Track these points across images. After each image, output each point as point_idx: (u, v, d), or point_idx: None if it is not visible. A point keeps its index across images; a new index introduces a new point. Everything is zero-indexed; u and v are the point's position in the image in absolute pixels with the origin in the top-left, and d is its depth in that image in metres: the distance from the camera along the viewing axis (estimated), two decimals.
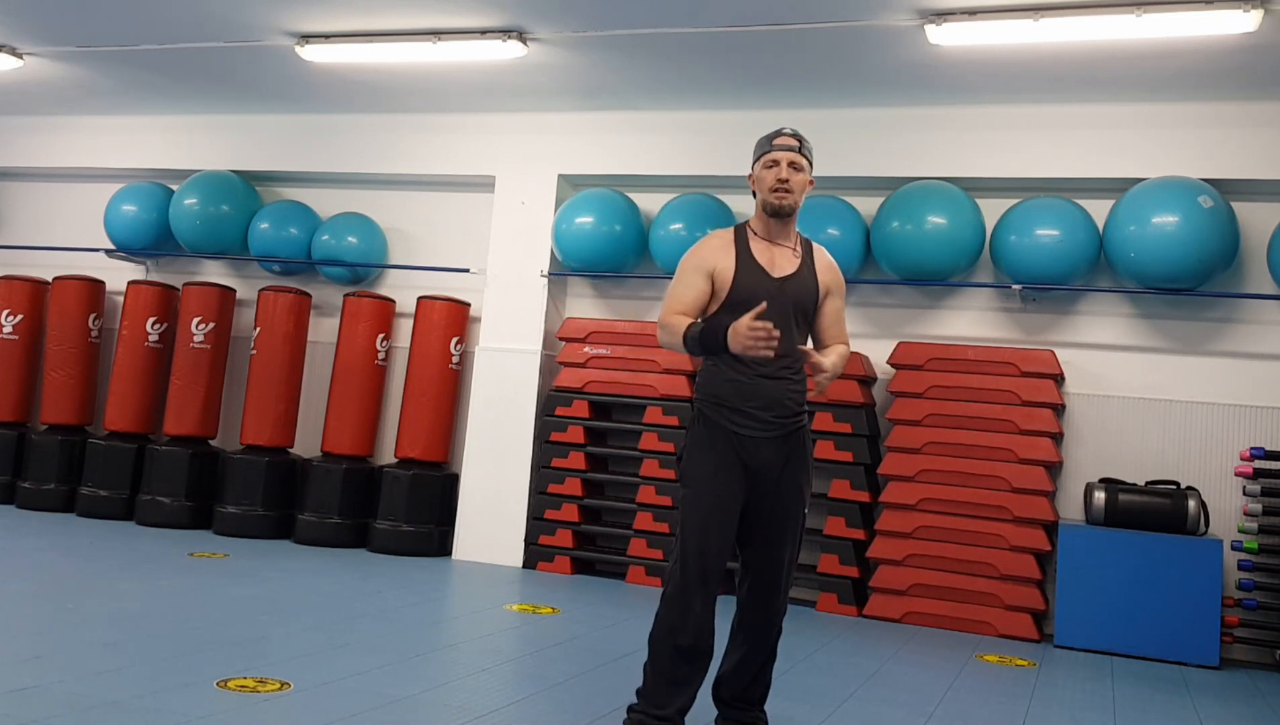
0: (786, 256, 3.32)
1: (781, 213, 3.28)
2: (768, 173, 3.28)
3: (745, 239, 3.33)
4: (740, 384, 3.24)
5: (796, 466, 3.32)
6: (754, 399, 3.23)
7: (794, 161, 3.27)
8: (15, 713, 3.11)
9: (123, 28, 6.35)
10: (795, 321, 3.29)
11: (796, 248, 3.36)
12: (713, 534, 3.22)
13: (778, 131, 3.34)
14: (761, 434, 3.24)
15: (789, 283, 3.28)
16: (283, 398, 7.40)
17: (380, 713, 3.43)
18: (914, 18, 5.22)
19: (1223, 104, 5.97)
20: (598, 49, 6.02)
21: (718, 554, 3.22)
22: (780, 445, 3.27)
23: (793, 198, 3.26)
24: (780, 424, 3.26)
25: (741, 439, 3.24)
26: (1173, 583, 5.55)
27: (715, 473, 3.24)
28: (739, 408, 3.23)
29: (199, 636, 4.26)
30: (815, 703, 4.04)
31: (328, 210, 7.93)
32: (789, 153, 3.28)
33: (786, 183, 3.24)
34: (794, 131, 3.34)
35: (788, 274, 3.29)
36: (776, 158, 3.27)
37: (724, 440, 3.25)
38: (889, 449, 6.24)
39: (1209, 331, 6.14)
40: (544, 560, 6.84)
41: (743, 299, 3.19)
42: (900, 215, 6.30)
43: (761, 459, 3.25)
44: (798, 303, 3.29)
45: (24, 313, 8.13)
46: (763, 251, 3.30)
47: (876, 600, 6.11)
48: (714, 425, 3.27)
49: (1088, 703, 4.49)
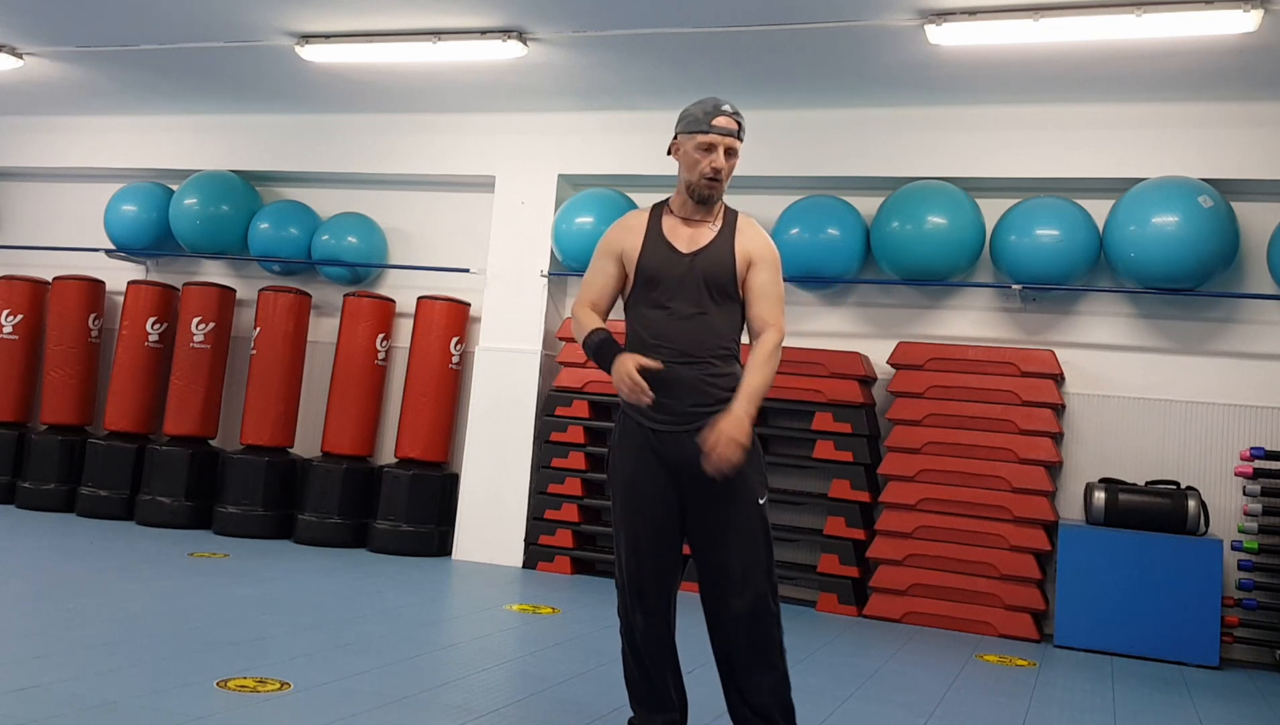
0: (702, 231, 3.05)
1: (709, 202, 3.04)
2: (701, 157, 2.98)
3: (658, 216, 3.10)
4: (649, 376, 2.92)
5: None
6: (669, 388, 2.93)
7: (731, 147, 2.99)
8: (15, 713, 3.11)
9: (123, 28, 6.35)
10: (711, 297, 2.99)
11: (715, 221, 3.07)
12: (639, 544, 3.01)
13: (715, 107, 2.99)
14: (681, 427, 2.95)
15: (699, 257, 3.01)
16: (283, 398, 7.40)
17: (380, 713, 3.43)
18: (914, 18, 5.22)
19: (1223, 104, 5.97)
20: (598, 49, 6.02)
21: (650, 567, 3.01)
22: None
23: (721, 188, 3.02)
24: (701, 414, 2.93)
25: (659, 435, 2.98)
26: (1173, 583, 5.55)
27: (634, 475, 3.02)
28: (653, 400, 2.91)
29: (199, 636, 4.26)
30: (815, 703, 4.04)
31: (328, 210, 7.93)
32: (729, 138, 2.98)
33: (719, 172, 2.98)
34: (734, 110, 3.01)
35: (698, 247, 3.03)
36: (714, 142, 2.96)
37: (639, 437, 3.01)
38: (889, 449, 6.24)
39: (1209, 331, 6.14)
40: (544, 560, 6.85)
41: (649, 278, 3.02)
42: (900, 215, 6.30)
43: (682, 455, 2.95)
44: (709, 277, 2.99)
45: (24, 313, 8.13)
46: (674, 228, 3.07)
47: (876, 600, 6.11)
48: (629, 422, 3.04)
49: (1088, 703, 4.49)
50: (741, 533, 2.97)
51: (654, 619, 3.03)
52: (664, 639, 3.07)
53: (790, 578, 6.42)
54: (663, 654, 3.08)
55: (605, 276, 3.12)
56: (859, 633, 5.65)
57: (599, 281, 3.13)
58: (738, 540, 2.96)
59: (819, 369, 6.36)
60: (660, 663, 3.08)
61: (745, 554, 2.96)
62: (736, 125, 3.00)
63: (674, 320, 2.99)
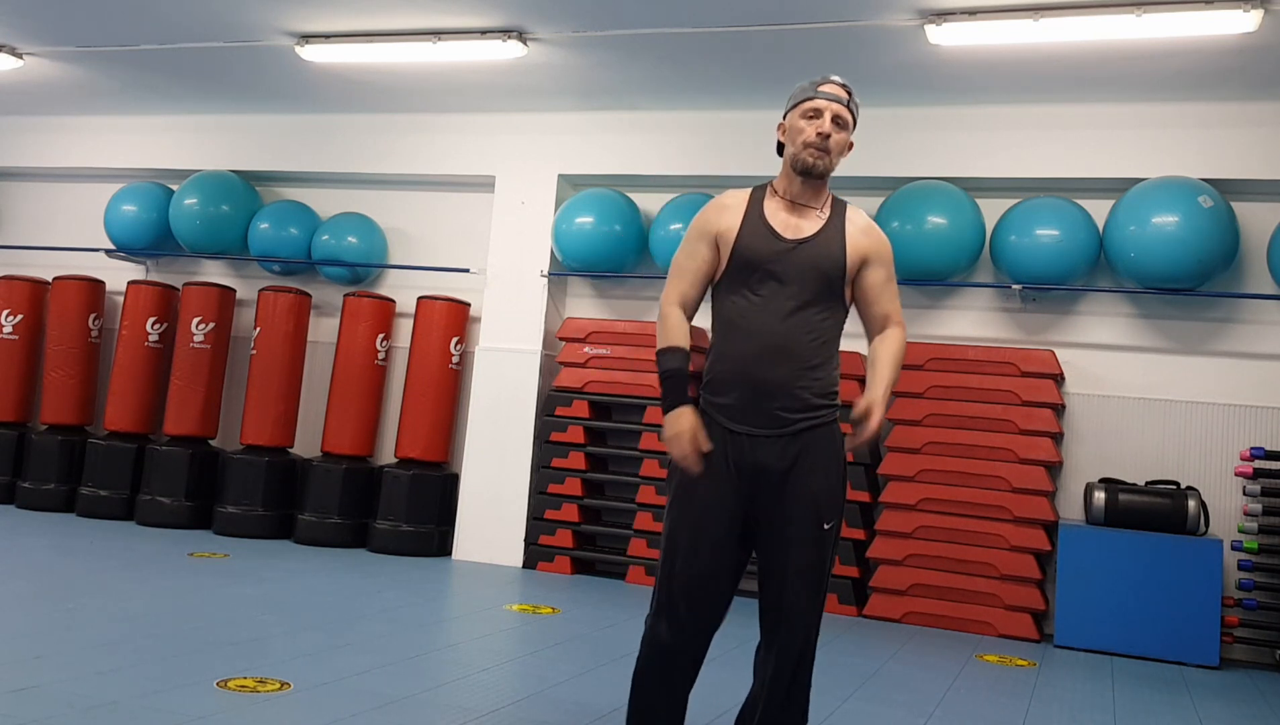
0: (809, 218, 2.75)
1: (813, 173, 2.71)
2: (807, 124, 2.70)
3: (760, 198, 2.79)
4: (736, 370, 2.69)
5: (809, 470, 2.70)
6: (752, 389, 2.68)
7: (839, 115, 2.70)
8: (15, 713, 3.11)
9: (123, 28, 6.35)
10: (815, 291, 2.70)
11: (824, 210, 2.77)
12: (688, 550, 2.71)
13: (824, 77, 2.75)
14: (761, 432, 2.68)
15: (806, 247, 2.70)
16: (283, 398, 7.40)
17: (380, 713, 3.43)
18: (914, 18, 5.22)
19: (1223, 104, 5.97)
20: (598, 49, 6.02)
21: (697, 575, 2.71)
22: (787, 445, 2.69)
23: (829, 160, 2.70)
24: (787, 420, 2.68)
25: (735, 437, 2.70)
26: (1173, 583, 5.55)
27: (701, 478, 2.70)
28: (733, 399, 2.70)
29: (199, 636, 4.26)
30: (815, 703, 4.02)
31: (328, 210, 7.93)
32: (835, 104, 2.70)
33: (827, 139, 2.68)
34: (844, 81, 2.76)
35: (805, 236, 2.72)
36: (820, 107, 2.69)
37: (716, 438, 2.71)
38: (889, 449, 6.24)
39: (1209, 331, 6.14)
40: (544, 560, 6.85)
41: (745, 263, 2.72)
42: (900, 215, 6.30)
43: (757, 461, 2.68)
44: (816, 269, 2.69)
45: (24, 313, 8.13)
46: (778, 211, 2.76)
47: (876, 600, 6.11)
48: (709, 420, 2.74)
49: (1088, 703, 4.49)
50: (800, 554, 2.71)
51: (695, 634, 2.75)
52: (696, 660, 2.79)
53: None
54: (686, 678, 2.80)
55: (697, 261, 2.78)
56: (859, 633, 5.65)
57: (691, 267, 2.79)
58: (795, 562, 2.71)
59: None
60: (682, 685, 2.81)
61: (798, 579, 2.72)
62: (846, 94, 2.74)
63: (770, 313, 2.69)
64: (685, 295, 2.81)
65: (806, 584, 2.73)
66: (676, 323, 2.79)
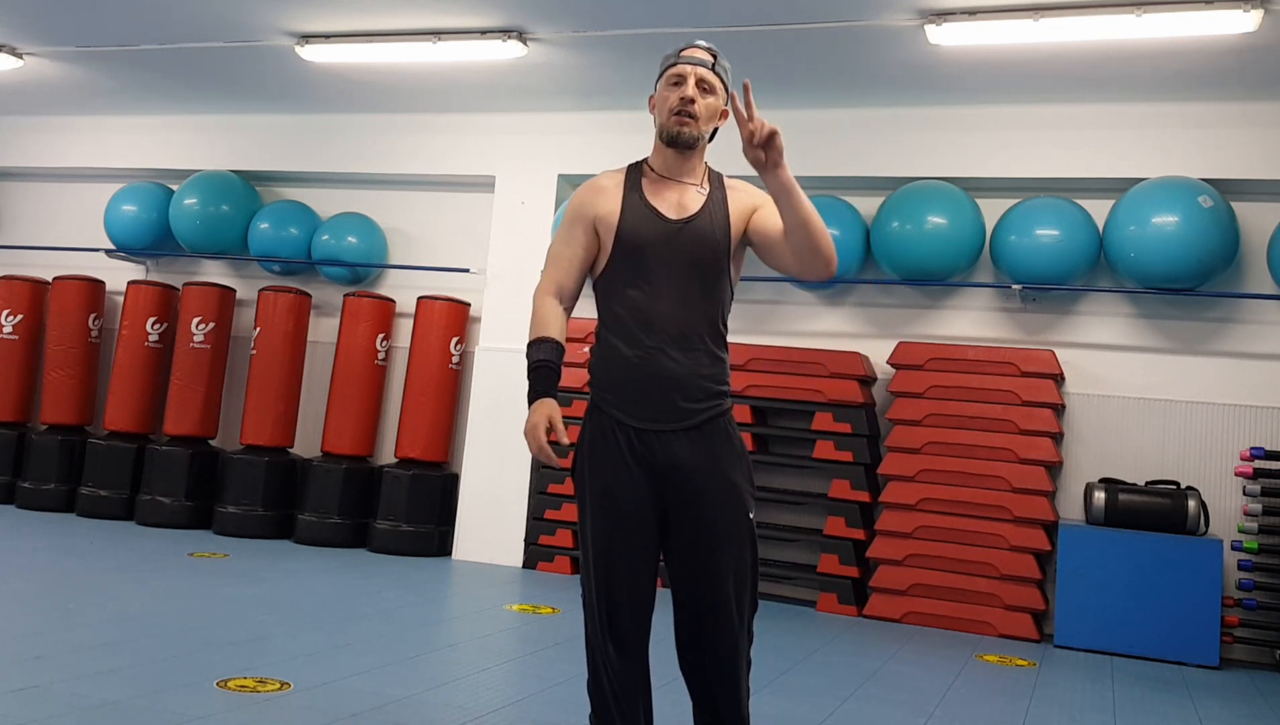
0: (690, 195, 2.64)
1: (680, 142, 2.60)
2: (671, 91, 2.61)
3: (638, 177, 2.69)
4: (633, 362, 2.57)
5: (724, 460, 2.58)
6: (652, 381, 2.56)
7: (703, 79, 2.60)
8: (15, 713, 3.11)
9: (123, 28, 6.35)
10: (704, 273, 2.60)
11: (703, 184, 2.67)
12: (615, 565, 2.58)
13: (689, 43, 2.67)
14: (669, 426, 2.56)
15: (690, 226, 2.60)
16: (283, 398, 7.40)
17: (380, 713, 3.43)
18: (914, 18, 5.22)
19: (1223, 104, 5.97)
20: (598, 49, 6.02)
21: (628, 590, 2.58)
22: (695, 438, 2.57)
23: (696, 126, 2.59)
24: (690, 411, 2.56)
25: (642, 434, 2.57)
26: (1173, 583, 5.55)
27: (612, 484, 2.58)
28: (632, 393, 2.58)
29: (199, 636, 4.26)
30: (815, 703, 4.04)
31: (328, 210, 7.93)
32: (699, 68, 2.60)
33: (692, 105, 2.57)
34: (709, 45, 2.66)
35: (689, 215, 2.61)
36: (683, 73, 2.60)
37: (620, 437, 2.59)
38: (889, 449, 6.24)
39: (1209, 331, 6.14)
40: (544, 560, 6.84)
41: (631, 248, 2.60)
42: (900, 215, 6.30)
43: (671, 458, 2.56)
44: (701, 248, 2.59)
45: (24, 313, 8.13)
46: (657, 190, 2.65)
47: (876, 600, 6.11)
48: (606, 419, 2.62)
49: (1088, 703, 4.49)
50: (731, 545, 2.58)
51: (628, 650, 2.61)
52: (638, 675, 2.66)
53: (790, 578, 6.42)
54: (636, 697, 2.65)
55: (574, 247, 2.66)
56: (859, 633, 5.65)
57: (567, 254, 2.67)
58: (727, 553, 2.57)
59: (819, 369, 6.35)
60: (633, 703, 2.65)
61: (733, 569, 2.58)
62: (712, 57, 2.62)
63: (662, 301, 2.58)
64: (561, 285, 2.70)
65: (740, 579, 2.59)
66: (550, 312, 2.67)
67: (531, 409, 2.59)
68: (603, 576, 2.62)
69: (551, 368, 2.63)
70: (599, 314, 2.70)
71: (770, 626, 5.42)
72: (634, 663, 2.64)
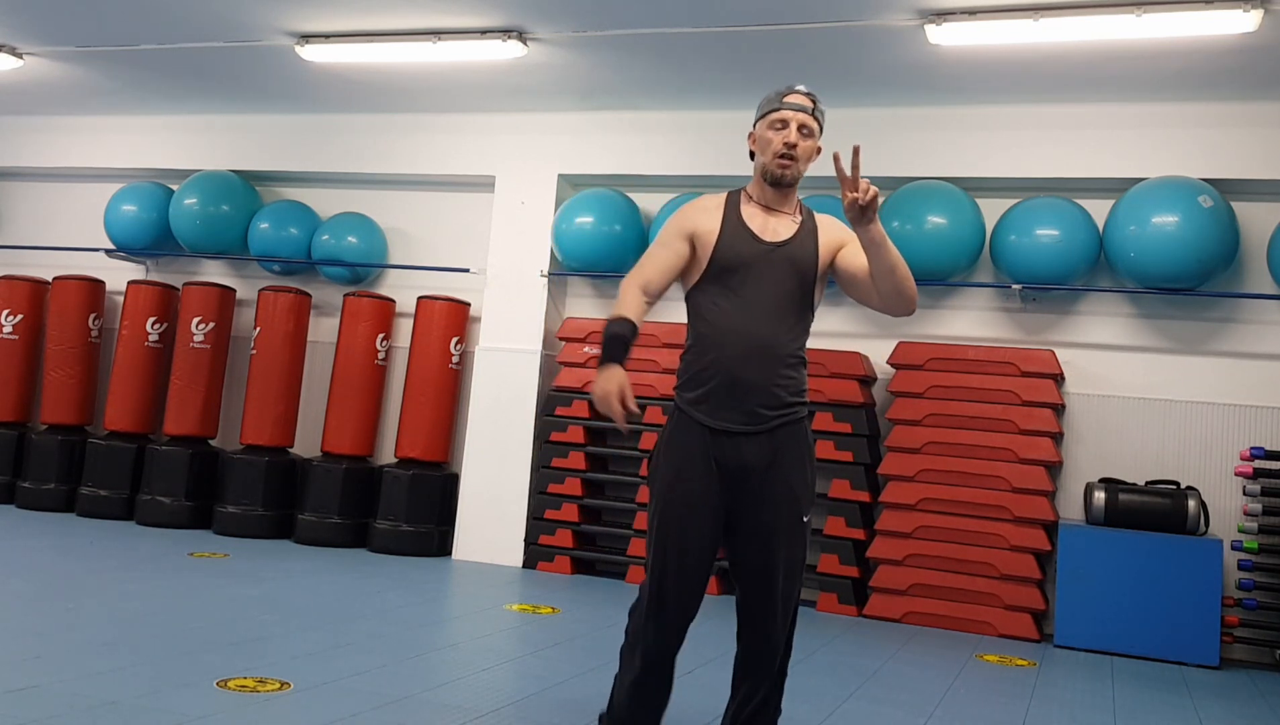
0: (784, 222, 2.89)
1: (783, 183, 2.86)
2: (774, 135, 2.84)
3: (737, 202, 2.93)
4: (717, 369, 2.78)
5: (788, 466, 2.82)
6: (733, 387, 2.77)
7: (805, 125, 2.84)
8: (15, 713, 3.11)
9: (123, 28, 6.35)
10: (790, 293, 2.83)
11: (796, 215, 2.92)
12: (676, 546, 2.78)
13: (789, 87, 2.89)
14: (741, 429, 2.77)
15: (782, 249, 2.84)
16: (283, 398, 7.40)
17: (380, 713, 3.43)
18: (914, 18, 5.22)
19: (1223, 104, 5.97)
20: (598, 49, 6.02)
21: (684, 570, 2.78)
22: (766, 442, 2.79)
23: (797, 167, 2.85)
24: (765, 417, 2.78)
25: (716, 435, 2.78)
26: (1173, 583, 5.55)
27: (682, 473, 2.80)
28: (713, 397, 2.79)
29: (199, 636, 4.26)
30: (815, 703, 4.04)
31: (328, 210, 7.93)
32: (801, 114, 2.84)
33: (794, 149, 2.82)
34: (809, 90, 2.90)
35: (782, 239, 2.85)
36: (786, 118, 2.83)
37: (696, 436, 2.80)
38: (889, 449, 6.24)
39: (1209, 331, 6.14)
40: (544, 560, 6.85)
41: (727, 264, 2.81)
42: (900, 215, 6.30)
43: (740, 458, 2.78)
44: (794, 270, 2.83)
45: (24, 313, 8.13)
46: (755, 216, 2.89)
47: (876, 600, 6.11)
48: (686, 419, 2.84)
49: (1088, 703, 4.49)
50: (787, 544, 2.81)
51: (672, 633, 2.82)
52: (672, 655, 2.87)
53: None
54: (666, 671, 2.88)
55: (672, 254, 2.86)
56: (859, 633, 5.65)
57: (663, 257, 2.87)
58: (783, 551, 2.81)
59: (819, 369, 6.35)
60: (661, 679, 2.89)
61: (784, 565, 2.82)
62: (811, 103, 2.88)
63: (748, 313, 2.79)
64: (649, 280, 2.88)
65: (790, 575, 2.83)
66: (633, 298, 2.85)
67: (602, 375, 2.72)
68: (672, 562, 2.81)
69: (625, 341, 2.79)
70: (689, 322, 2.92)
71: None
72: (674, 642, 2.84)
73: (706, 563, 2.83)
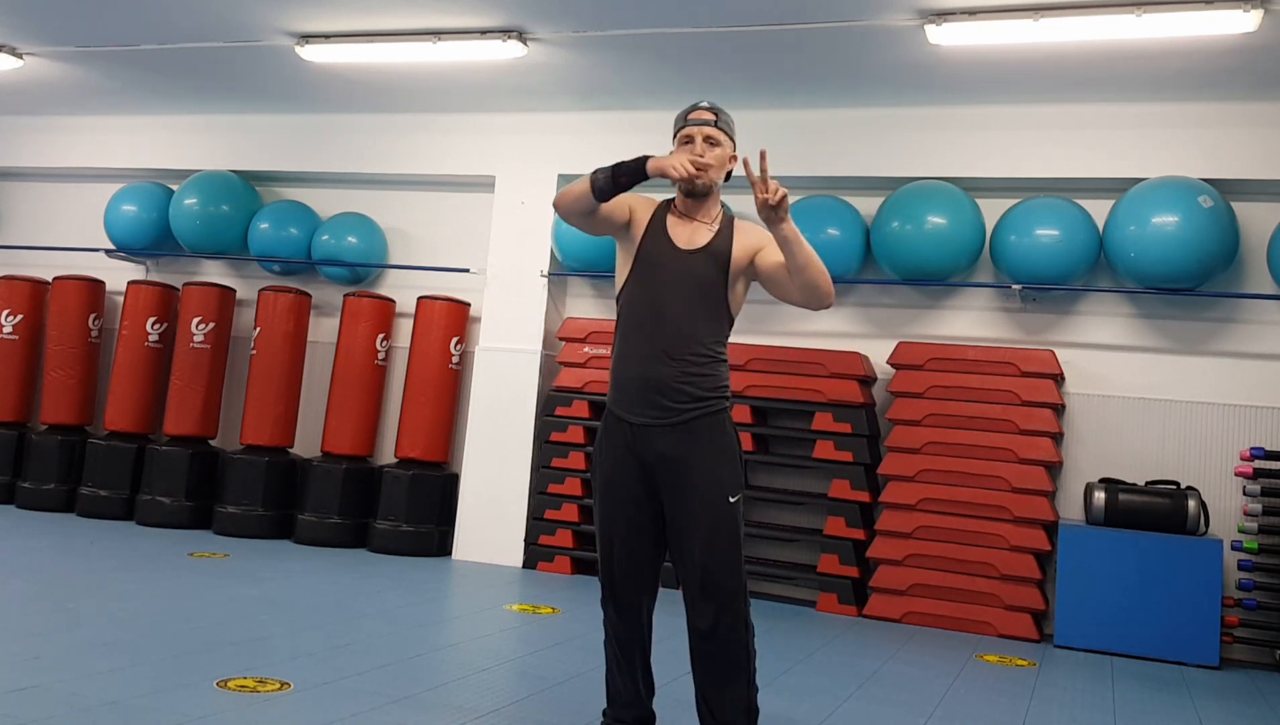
0: (700, 230, 3.10)
1: (695, 193, 3.08)
2: (683, 150, 3.09)
3: (665, 211, 3.17)
4: (632, 368, 3.03)
5: (706, 455, 3.00)
6: (644, 384, 3.00)
7: (710, 136, 3.07)
8: (15, 713, 3.11)
9: (123, 28, 6.34)
10: (700, 297, 3.04)
11: (714, 223, 3.12)
12: (612, 541, 3.07)
13: (694, 105, 3.15)
14: (654, 422, 3.00)
15: (695, 257, 3.06)
16: (283, 398, 7.40)
17: (380, 713, 3.43)
18: (914, 18, 5.22)
19: (1223, 104, 5.97)
20: (598, 49, 6.02)
21: (622, 563, 3.06)
22: (680, 434, 2.99)
23: (708, 176, 3.05)
24: (676, 411, 2.99)
25: (634, 429, 3.02)
26: (1173, 583, 5.55)
27: (612, 473, 3.07)
28: (629, 394, 3.03)
29: (199, 636, 4.26)
30: (815, 703, 4.04)
31: (328, 210, 7.93)
32: (704, 127, 3.08)
33: (701, 158, 3.04)
34: (711, 105, 3.14)
35: (696, 247, 3.08)
36: (691, 134, 3.08)
37: (619, 431, 3.06)
38: (889, 449, 6.24)
39: (1209, 331, 6.14)
40: (544, 560, 6.84)
41: (645, 266, 3.07)
42: (900, 215, 6.30)
43: (656, 449, 3.00)
44: (701, 278, 3.04)
45: (24, 313, 8.13)
46: (675, 224, 3.12)
47: (876, 600, 6.11)
48: (610, 416, 3.11)
49: (1088, 703, 4.49)
50: (711, 530, 2.97)
51: (625, 614, 3.10)
52: (634, 636, 3.13)
53: (790, 578, 6.42)
54: (632, 649, 3.15)
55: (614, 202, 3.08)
56: (859, 633, 5.65)
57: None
58: (707, 537, 2.97)
59: (819, 369, 6.36)
60: (630, 657, 3.15)
61: (715, 552, 2.96)
62: (714, 115, 3.09)
63: (660, 315, 3.03)
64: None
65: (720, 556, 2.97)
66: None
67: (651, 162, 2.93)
68: (605, 551, 3.11)
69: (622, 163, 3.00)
70: (616, 324, 3.16)
71: (770, 626, 5.42)
72: (630, 623, 3.11)
73: (646, 547, 3.08)
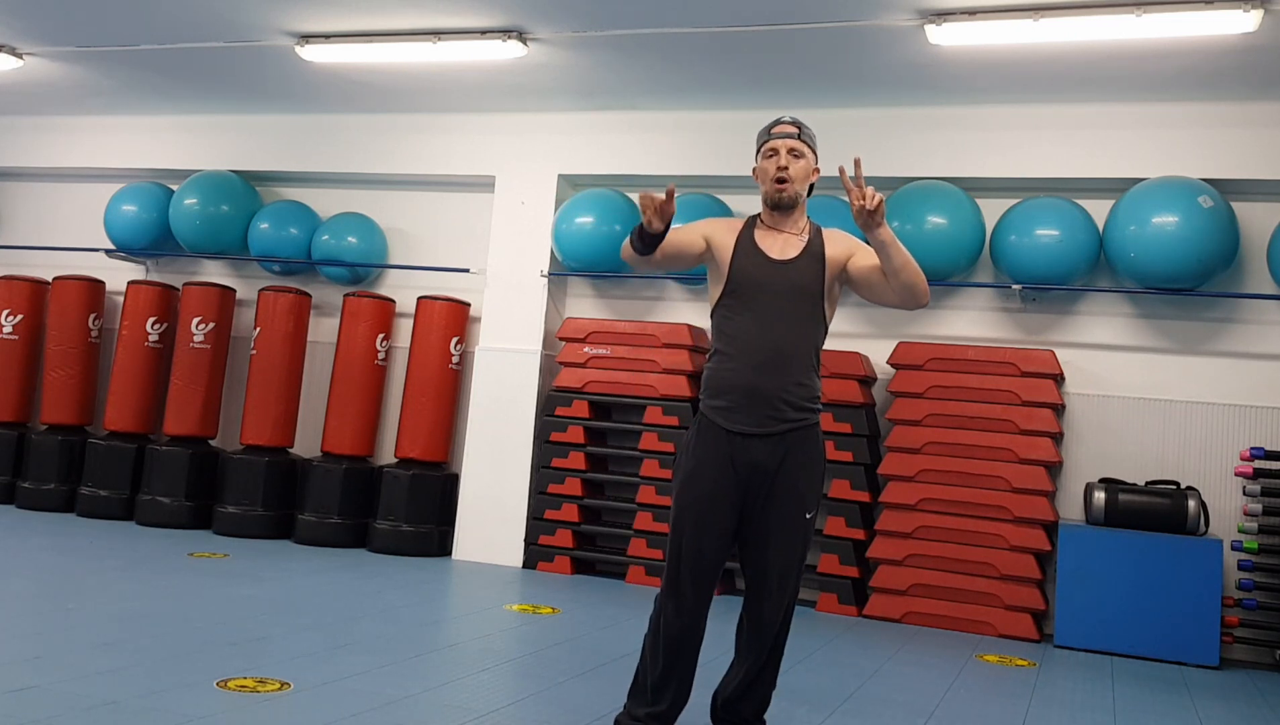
0: (792, 242, 3.18)
1: (782, 205, 3.17)
2: (768, 163, 3.18)
3: (752, 226, 3.24)
4: (734, 378, 3.10)
5: (795, 469, 3.11)
6: (748, 394, 3.07)
7: (794, 149, 3.17)
8: (15, 713, 3.11)
9: (123, 28, 6.35)
10: (799, 309, 3.13)
11: (804, 234, 3.21)
12: (691, 533, 3.08)
13: (776, 120, 3.25)
14: (755, 431, 3.07)
15: (791, 266, 3.14)
16: (283, 398, 7.40)
17: (380, 713, 3.43)
18: (914, 18, 5.22)
19: (1223, 104, 5.97)
20: (598, 49, 6.02)
21: (698, 555, 3.07)
22: (777, 444, 3.08)
23: (793, 188, 3.16)
24: (777, 422, 3.08)
25: (732, 437, 3.08)
26: (1173, 583, 5.55)
27: (701, 470, 3.10)
28: (731, 403, 3.09)
29: (199, 636, 4.26)
30: (815, 703, 4.04)
31: (328, 210, 7.93)
32: (788, 140, 3.18)
33: (786, 171, 3.14)
34: (793, 119, 3.24)
35: (790, 257, 3.15)
36: (775, 146, 3.18)
37: (715, 437, 3.11)
38: (889, 449, 6.24)
39: (1209, 331, 6.14)
40: (544, 560, 6.84)
41: (742, 281, 3.13)
42: (900, 215, 6.30)
43: (753, 458, 3.07)
44: (801, 287, 3.13)
45: (24, 313, 8.13)
46: (765, 237, 3.20)
47: (876, 600, 6.11)
48: (707, 422, 3.15)
49: (1088, 703, 4.49)
50: (788, 538, 3.11)
51: (684, 611, 3.09)
52: (689, 635, 3.12)
53: None
54: (683, 648, 3.13)
55: (686, 234, 3.17)
56: (859, 633, 5.65)
57: (681, 231, 3.18)
58: (783, 545, 3.11)
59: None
60: (682, 653, 3.13)
61: (787, 562, 3.12)
62: (796, 129, 3.21)
63: (762, 327, 3.10)
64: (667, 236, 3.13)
65: (787, 565, 3.13)
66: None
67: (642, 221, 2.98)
68: (677, 551, 3.11)
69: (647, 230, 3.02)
70: (712, 337, 3.24)
71: None
72: (690, 622, 3.10)
73: (720, 551, 3.11)
